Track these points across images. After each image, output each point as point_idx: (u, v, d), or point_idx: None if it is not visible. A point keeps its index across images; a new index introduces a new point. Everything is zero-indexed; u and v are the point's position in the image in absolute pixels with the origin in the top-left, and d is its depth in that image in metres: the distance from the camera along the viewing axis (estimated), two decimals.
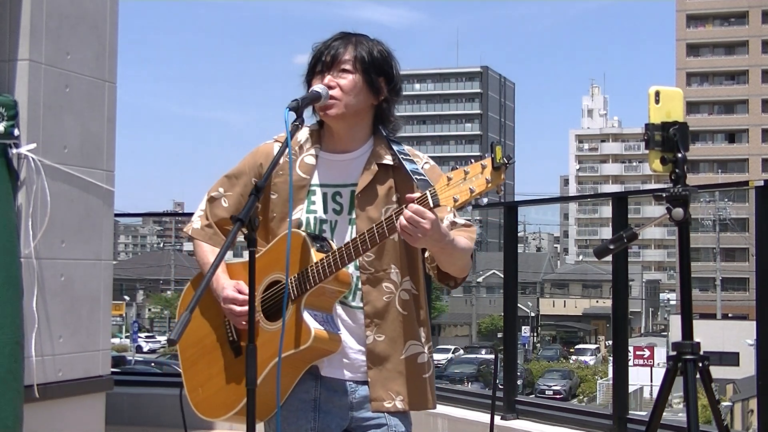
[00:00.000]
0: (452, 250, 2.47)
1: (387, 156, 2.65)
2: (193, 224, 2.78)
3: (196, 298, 2.22)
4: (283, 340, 2.47)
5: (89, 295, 5.10)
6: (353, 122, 2.66)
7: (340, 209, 2.65)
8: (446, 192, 2.32)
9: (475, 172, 2.28)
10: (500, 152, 2.26)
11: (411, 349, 2.66)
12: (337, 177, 2.67)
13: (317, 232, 2.63)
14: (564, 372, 40.62)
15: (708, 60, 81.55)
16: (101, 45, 5.24)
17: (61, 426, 4.91)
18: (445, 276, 2.62)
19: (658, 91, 2.73)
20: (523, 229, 70.19)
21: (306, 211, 2.65)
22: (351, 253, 2.48)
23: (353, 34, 2.69)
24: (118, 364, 24.89)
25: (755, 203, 4.40)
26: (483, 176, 2.27)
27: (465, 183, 2.29)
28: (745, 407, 27.98)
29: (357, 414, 2.62)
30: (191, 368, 2.73)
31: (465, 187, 2.28)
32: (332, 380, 2.61)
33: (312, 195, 2.66)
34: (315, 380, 2.61)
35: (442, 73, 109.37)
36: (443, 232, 2.40)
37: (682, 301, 2.75)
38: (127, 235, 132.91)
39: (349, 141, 2.69)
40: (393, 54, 2.71)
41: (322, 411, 2.61)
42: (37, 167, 4.69)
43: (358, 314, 2.62)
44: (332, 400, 2.61)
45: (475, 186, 2.27)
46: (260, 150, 2.75)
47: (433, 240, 2.39)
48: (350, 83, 2.61)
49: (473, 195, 2.28)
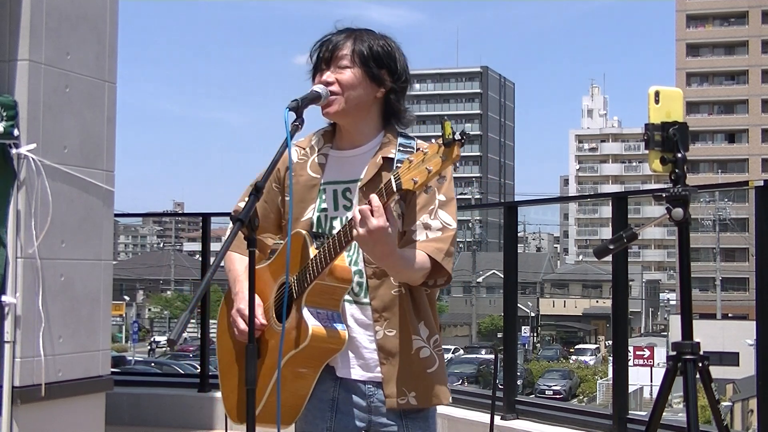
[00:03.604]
0: (394, 265, 2.45)
1: (393, 150, 2.64)
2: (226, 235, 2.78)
3: (196, 298, 2.22)
4: (288, 339, 2.48)
5: (89, 295, 5.10)
6: (358, 117, 2.65)
7: (350, 205, 2.64)
8: (407, 174, 2.31)
9: (432, 152, 2.28)
10: (449, 128, 2.25)
11: (415, 343, 2.64)
12: (346, 173, 2.66)
13: (327, 229, 2.62)
14: (564, 372, 40.60)
15: (708, 60, 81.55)
16: (101, 45, 5.24)
17: (61, 426, 4.91)
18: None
19: (657, 91, 2.72)
20: (523, 229, 70.26)
21: (317, 209, 2.65)
22: (336, 244, 2.46)
23: (356, 29, 2.68)
24: (118, 364, 24.92)
25: (755, 203, 4.40)
26: (438, 155, 2.27)
27: (423, 164, 2.29)
28: (745, 407, 27.97)
29: (376, 419, 2.60)
30: (225, 376, 2.76)
31: (423, 167, 2.28)
32: (349, 381, 2.60)
33: (322, 193, 2.66)
34: (334, 381, 2.60)
35: (442, 73, 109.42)
36: (387, 251, 2.36)
37: (682, 301, 2.75)
38: (127, 235, 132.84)
39: (357, 136, 2.68)
40: (398, 46, 2.69)
41: (340, 411, 2.60)
42: (37, 167, 4.69)
43: (368, 310, 2.60)
44: (350, 401, 2.60)
45: (431, 165, 2.27)
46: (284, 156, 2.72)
47: (372, 250, 2.37)
48: (349, 77, 2.60)
49: (431, 175, 2.27)
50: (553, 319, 66.83)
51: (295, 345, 2.49)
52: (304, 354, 2.49)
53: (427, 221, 2.57)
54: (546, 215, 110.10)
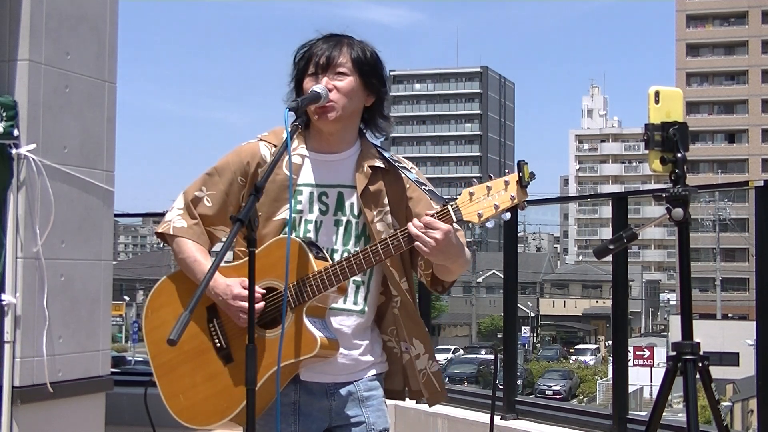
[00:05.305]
0: (464, 261, 2.51)
1: (377, 159, 2.65)
2: (174, 223, 2.67)
3: (197, 298, 2.20)
4: (284, 348, 2.46)
5: (89, 295, 5.10)
6: (346, 124, 2.66)
7: (326, 209, 2.64)
8: (469, 207, 2.34)
9: (497, 188, 2.31)
10: (527, 171, 2.30)
11: (408, 351, 2.69)
12: (324, 177, 2.65)
13: (302, 232, 2.62)
14: (564, 372, 40.61)
15: (708, 60, 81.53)
16: (101, 45, 5.24)
17: (62, 426, 4.91)
18: (436, 282, 2.65)
19: (657, 91, 2.73)
20: (523, 229, 70.33)
21: (293, 210, 2.64)
22: (362, 263, 2.47)
23: (343, 36, 2.68)
24: (118, 364, 24.89)
25: (755, 203, 4.40)
26: (507, 192, 2.31)
27: (488, 199, 2.32)
28: (745, 407, 27.97)
29: (337, 414, 2.63)
30: (168, 375, 2.66)
31: (489, 203, 2.31)
32: (312, 384, 2.61)
33: (298, 195, 2.64)
34: (294, 384, 2.60)
35: (442, 73, 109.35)
36: (457, 245, 2.42)
37: (682, 301, 2.75)
38: (127, 235, 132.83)
39: (339, 142, 2.67)
40: (379, 54, 2.71)
41: (303, 414, 2.61)
42: (37, 168, 4.69)
43: (344, 316, 2.62)
44: (312, 404, 2.61)
45: (499, 202, 2.31)
46: (244, 149, 2.69)
47: (449, 253, 2.41)
48: (348, 85, 2.61)
49: (498, 211, 2.31)
50: (553, 319, 66.84)
51: (295, 353, 2.47)
52: (302, 363, 2.50)
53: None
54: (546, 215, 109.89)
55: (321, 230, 2.63)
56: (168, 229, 2.68)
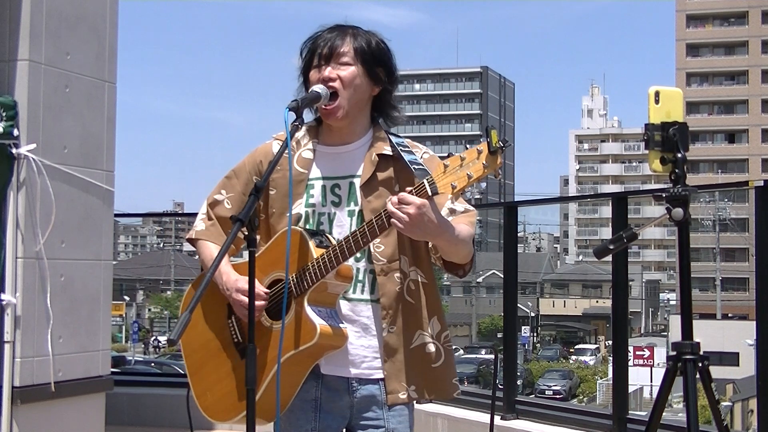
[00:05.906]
0: (450, 237, 2.46)
1: (386, 147, 2.65)
2: (196, 228, 2.79)
3: (197, 298, 2.22)
4: (287, 338, 2.47)
5: (89, 296, 5.10)
6: (355, 116, 2.66)
7: (338, 201, 2.65)
8: (444, 179, 2.31)
9: (471, 158, 2.28)
10: (496, 136, 2.26)
11: (419, 339, 2.65)
12: (335, 169, 2.67)
13: (316, 225, 2.63)
14: (564, 372, 40.59)
15: (708, 60, 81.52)
16: (101, 45, 5.24)
17: (62, 426, 4.91)
18: (451, 265, 2.61)
19: (657, 91, 2.72)
20: (523, 229, 70.23)
21: (305, 204, 2.65)
22: (351, 246, 2.47)
23: (348, 26, 2.69)
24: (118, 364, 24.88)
25: (755, 203, 4.40)
26: (480, 161, 2.27)
27: (462, 169, 2.29)
28: (745, 407, 27.96)
29: (358, 413, 2.61)
30: (198, 372, 2.72)
31: (462, 173, 2.28)
32: (333, 379, 2.60)
33: (311, 188, 2.66)
34: (316, 379, 2.60)
35: (442, 74, 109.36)
36: (436, 220, 2.38)
37: (682, 301, 2.75)
38: (127, 235, 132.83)
39: (349, 134, 2.69)
40: (388, 44, 2.71)
41: (323, 411, 2.60)
42: (37, 167, 4.70)
43: (361, 306, 2.61)
44: (333, 400, 2.60)
45: (472, 171, 2.28)
46: (259, 149, 2.76)
47: (426, 228, 2.37)
48: (350, 75, 2.61)
49: (471, 180, 2.28)
50: (553, 319, 66.82)
51: (295, 343, 2.48)
52: (306, 352, 2.49)
53: (451, 206, 2.59)
54: (546, 215, 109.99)
55: (334, 222, 2.64)
56: (191, 234, 2.81)
